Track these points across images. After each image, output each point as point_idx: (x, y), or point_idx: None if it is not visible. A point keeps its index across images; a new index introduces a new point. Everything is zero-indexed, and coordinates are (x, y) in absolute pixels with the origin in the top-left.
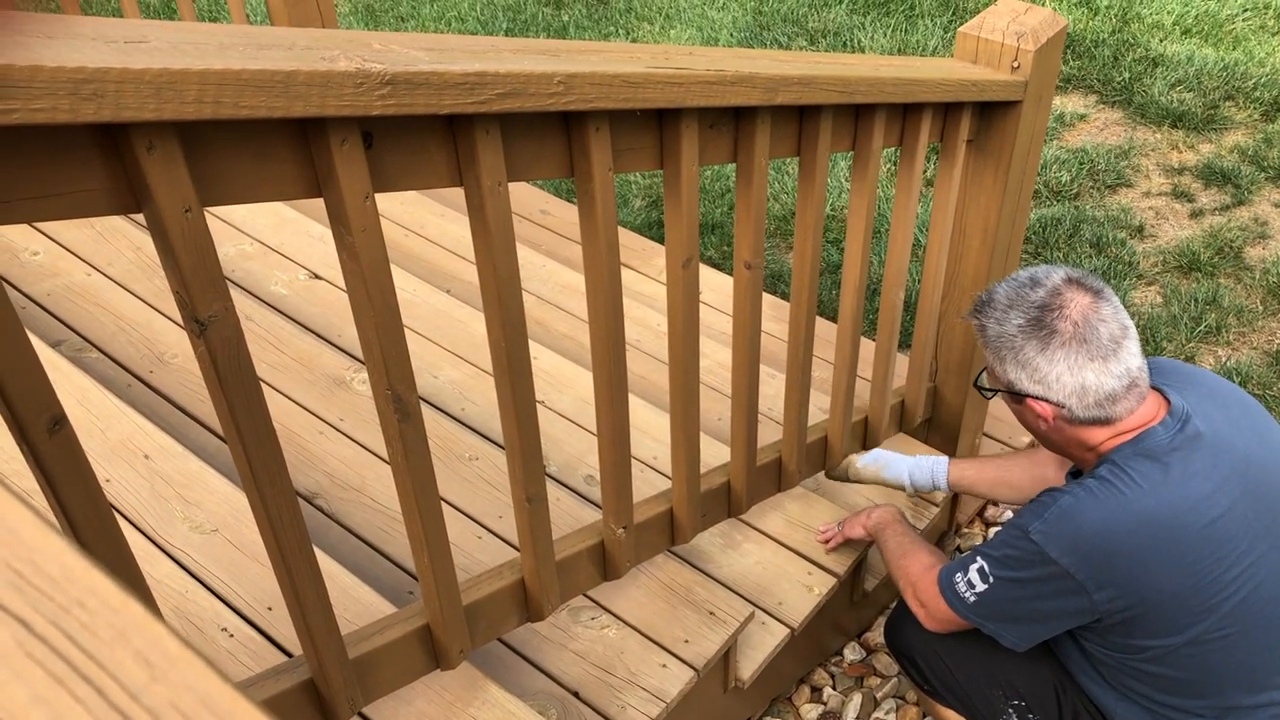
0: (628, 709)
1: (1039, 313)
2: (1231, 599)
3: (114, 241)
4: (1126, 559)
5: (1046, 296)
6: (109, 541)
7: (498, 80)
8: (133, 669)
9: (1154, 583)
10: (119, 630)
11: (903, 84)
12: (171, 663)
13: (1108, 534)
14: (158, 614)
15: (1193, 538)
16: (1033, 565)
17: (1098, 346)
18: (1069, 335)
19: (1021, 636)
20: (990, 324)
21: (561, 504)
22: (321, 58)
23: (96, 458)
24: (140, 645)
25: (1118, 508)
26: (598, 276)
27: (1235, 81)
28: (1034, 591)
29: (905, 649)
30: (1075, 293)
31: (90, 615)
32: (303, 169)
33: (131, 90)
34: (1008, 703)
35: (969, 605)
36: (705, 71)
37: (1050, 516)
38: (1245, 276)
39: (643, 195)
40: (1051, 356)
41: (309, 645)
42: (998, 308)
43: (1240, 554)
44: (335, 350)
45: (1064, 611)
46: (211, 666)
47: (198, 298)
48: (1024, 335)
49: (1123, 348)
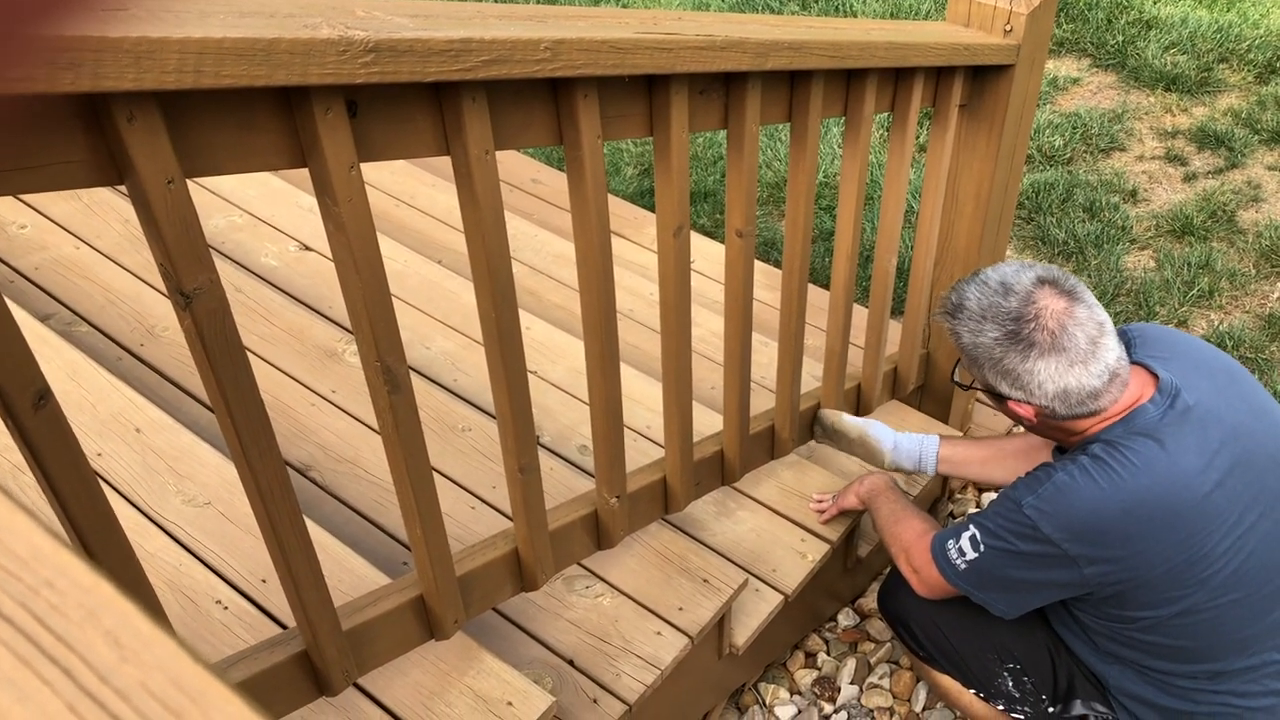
0: (623, 676)
1: (1015, 325)
2: (1224, 570)
3: (102, 214)
4: (1119, 536)
5: (1020, 305)
6: (97, 516)
7: (483, 47)
8: (103, 650)
9: (1146, 559)
10: (89, 610)
11: (894, 48)
12: (143, 643)
13: (1101, 512)
14: (128, 594)
15: (1186, 514)
16: (1024, 539)
17: (1076, 352)
18: (1047, 345)
19: (1010, 605)
20: (965, 333)
21: (555, 474)
22: (304, 25)
23: (88, 432)
24: (111, 625)
25: (1111, 486)
26: (588, 245)
27: (1229, 44)
28: (1025, 563)
29: (899, 615)
30: (1049, 298)
31: (59, 595)
32: (287, 139)
33: (110, 59)
34: (1002, 666)
35: (959, 573)
36: (694, 37)
37: (1044, 492)
38: (1238, 240)
39: (634, 163)
40: (1032, 367)
41: (302, 617)
42: (970, 316)
43: (1232, 525)
44: (326, 322)
45: (1053, 583)
46: (184, 646)
47: (182, 270)
48: (1001, 348)
49: (1100, 346)
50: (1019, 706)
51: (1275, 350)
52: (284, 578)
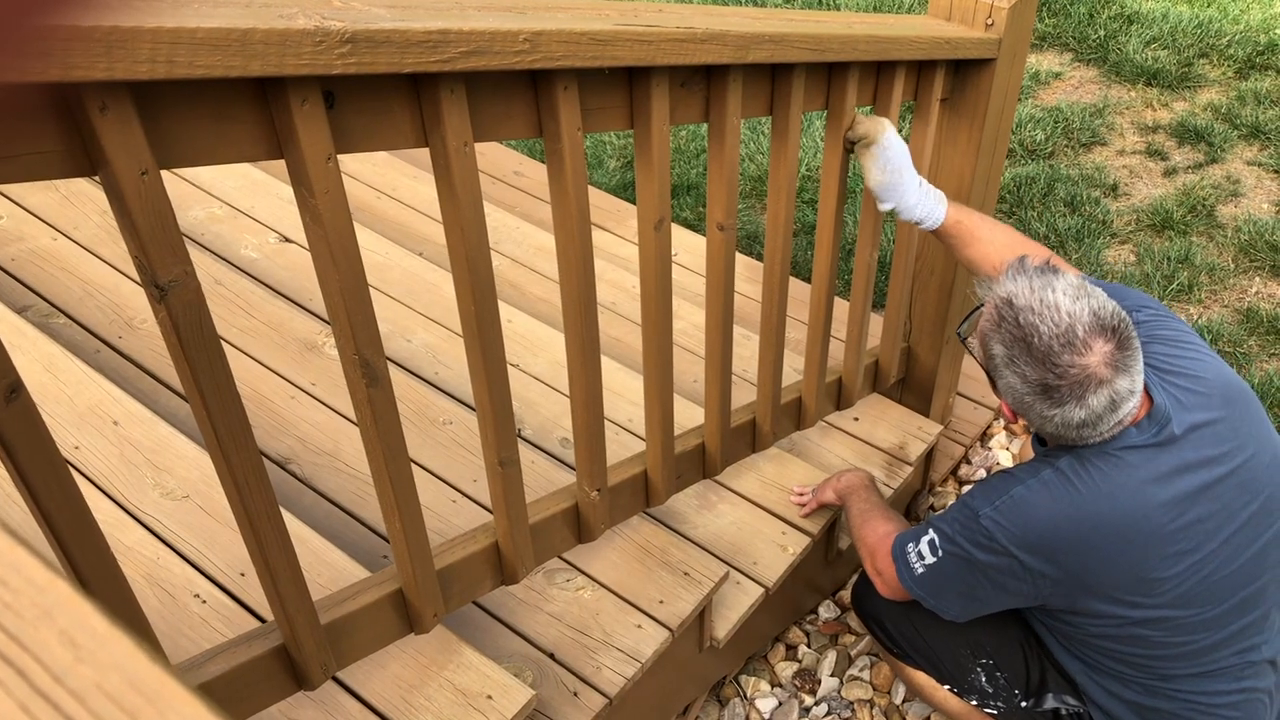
0: (603, 669)
1: (1055, 380)
2: (1174, 590)
3: (80, 205)
4: (1072, 554)
5: (1070, 362)
6: (71, 509)
7: (461, 38)
8: (57, 650)
9: (1096, 577)
10: (44, 609)
11: (876, 42)
12: (99, 642)
13: (1055, 529)
14: (103, 588)
15: (1141, 540)
16: (981, 548)
17: (1095, 415)
18: (1071, 404)
19: (962, 611)
20: (998, 346)
21: (536, 467)
22: (279, 15)
23: (65, 424)
24: (65, 625)
25: (1069, 505)
26: (568, 238)
27: (1209, 39)
28: (979, 572)
29: (873, 613)
30: (1098, 360)
31: (13, 594)
32: (263, 130)
33: (80, 49)
34: (976, 662)
35: (915, 577)
36: (675, 29)
37: (1002, 504)
38: (1217, 234)
39: (617, 156)
40: (1044, 412)
41: (280, 611)
42: (1017, 337)
43: (1189, 550)
44: (307, 314)
45: (1004, 591)
46: (141, 645)
47: (157, 262)
48: (1028, 388)
49: (1120, 409)
50: (992, 701)
51: (1254, 344)
52: (261, 572)
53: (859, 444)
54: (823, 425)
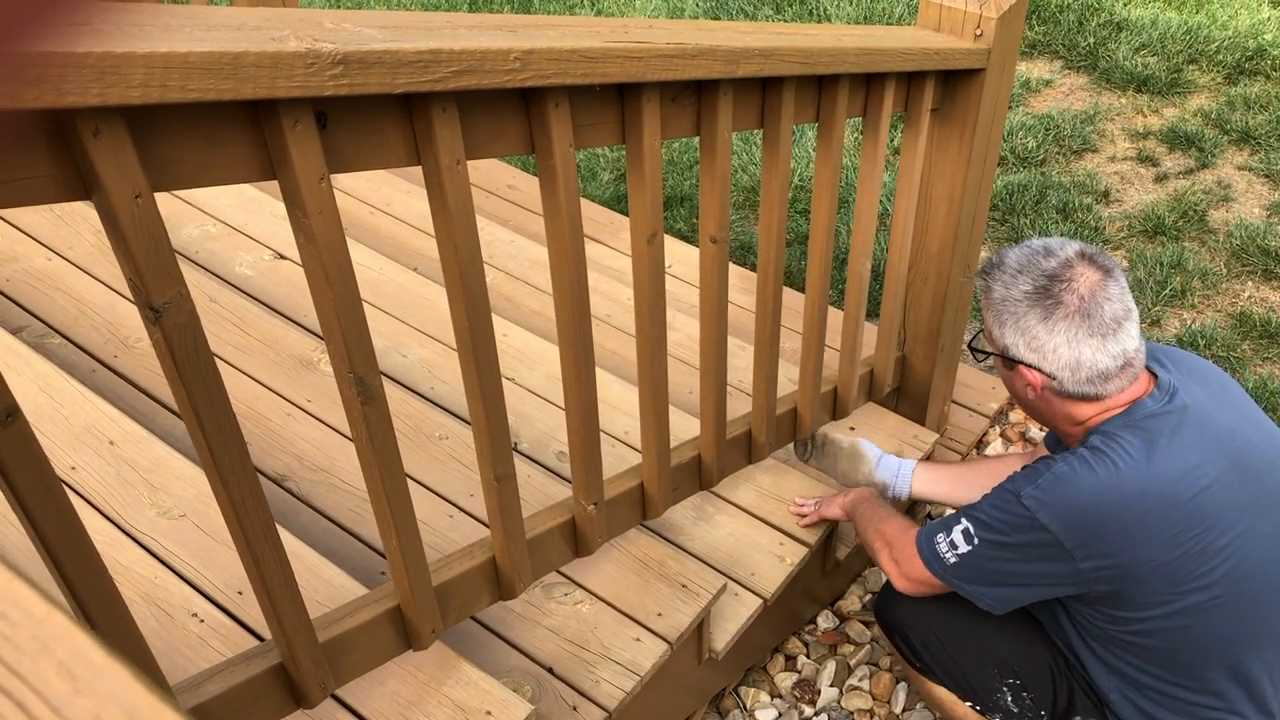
0: (602, 683)
1: (1047, 282)
2: (1218, 569)
3: (74, 225)
4: (1117, 529)
5: (1057, 267)
6: (67, 532)
7: (452, 57)
8: (55, 682)
9: (1142, 553)
10: (42, 642)
11: (865, 54)
12: (96, 674)
13: (1100, 504)
14: (83, 625)
15: (1182, 508)
16: (1022, 530)
17: (1099, 323)
18: (1073, 309)
19: (999, 600)
20: (997, 286)
21: (533, 481)
22: (271, 38)
23: (61, 445)
24: (63, 657)
25: (1110, 478)
26: (561, 253)
27: (1198, 45)
28: (1020, 556)
29: (897, 625)
30: (1086, 268)
31: (12, 627)
32: (256, 151)
33: (74, 75)
34: (1002, 680)
35: (948, 566)
36: (665, 45)
37: (1044, 483)
38: (1209, 239)
39: (611, 168)
40: (1052, 327)
41: (277, 629)
42: (1007, 271)
43: (1228, 525)
44: (302, 331)
45: (1047, 577)
46: (139, 677)
47: (151, 284)
48: (1028, 302)
49: (1123, 329)
50: None
51: (1247, 348)
52: (258, 590)
53: None
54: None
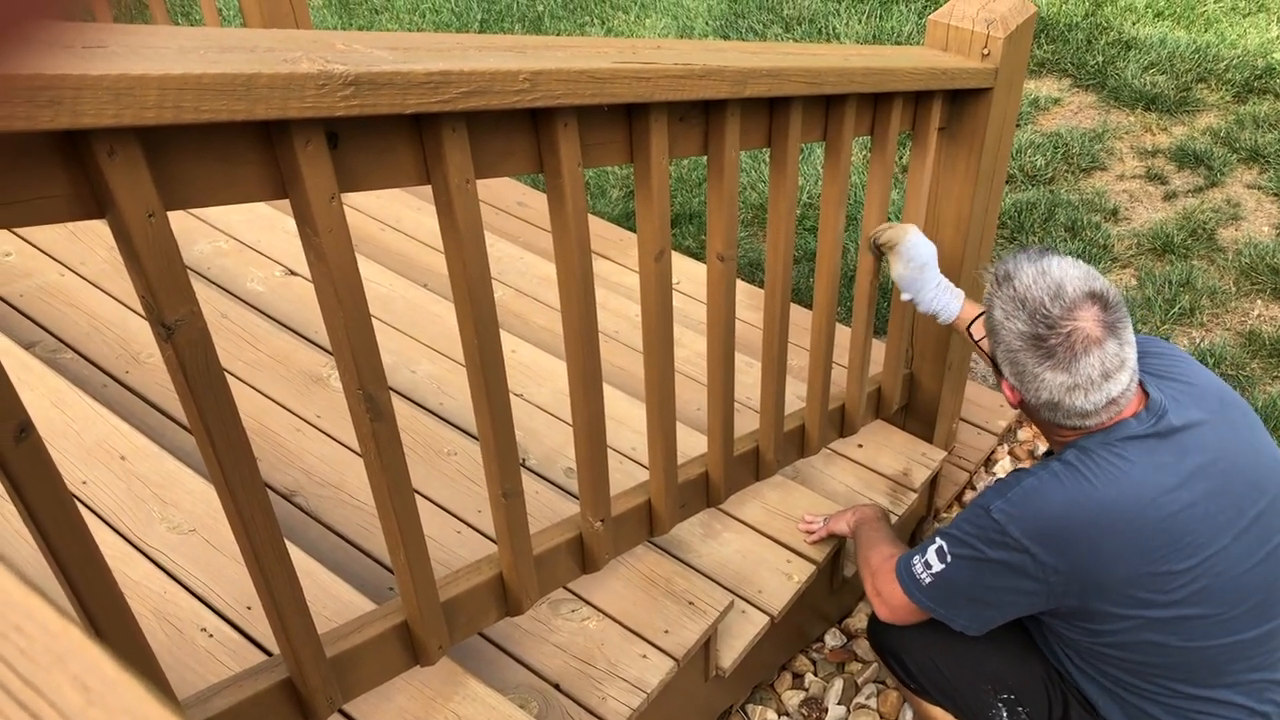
0: (609, 700)
1: (1045, 330)
2: (1186, 587)
3: (87, 240)
4: (1085, 544)
5: (1060, 314)
6: (79, 547)
7: (462, 79)
8: (70, 694)
9: (1109, 568)
10: (57, 655)
11: (873, 74)
12: (109, 687)
13: (1068, 518)
14: (110, 625)
15: (1151, 529)
16: (992, 544)
17: (1087, 379)
18: (1063, 363)
19: (975, 620)
20: (999, 304)
21: (541, 497)
22: (283, 60)
23: (73, 460)
24: (78, 670)
25: (1080, 494)
26: (569, 270)
27: (1207, 64)
28: (991, 572)
29: (890, 648)
30: (1089, 320)
31: (28, 640)
32: (268, 170)
33: (90, 97)
34: (997, 697)
35: (923, 588)
36: (673, 65)
37: (1013, 496)
38: (1218, 258)
39: (620, 186)
40: (1039, 372)
41: (285, 645)
42: (1013, 297)
43: (1199, 545)
44: (312, 347)
45: (1018, 592)
46: (150, 690)
47: (164, 302)
48: (1022, 340)
49: (1112, 380)
50: None
51: (1256, 367)
52: (267, 605)
53: (863, 470)
54: (826, 452)
